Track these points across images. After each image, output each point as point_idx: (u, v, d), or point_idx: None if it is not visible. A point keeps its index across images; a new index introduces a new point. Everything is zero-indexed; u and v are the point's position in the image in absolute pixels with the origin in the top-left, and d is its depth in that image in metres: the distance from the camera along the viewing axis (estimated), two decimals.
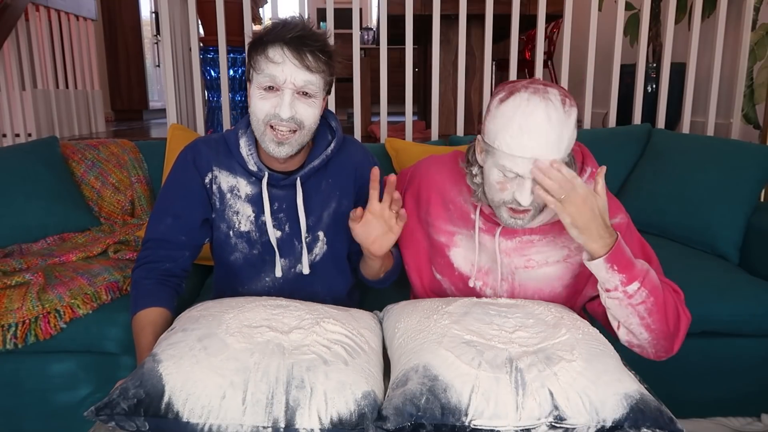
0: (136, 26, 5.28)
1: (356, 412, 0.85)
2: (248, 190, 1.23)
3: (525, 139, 0.98)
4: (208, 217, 1.25)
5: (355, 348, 0.97)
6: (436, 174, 1.27)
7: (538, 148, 0.97)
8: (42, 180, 1.79)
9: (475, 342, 0.95)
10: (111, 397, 0.84)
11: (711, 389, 1.57)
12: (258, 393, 0.85)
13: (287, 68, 1.09)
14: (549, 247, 1.16)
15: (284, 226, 1.25)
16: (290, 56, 1.09)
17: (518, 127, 0.98)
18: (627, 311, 1.02)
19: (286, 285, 1.28)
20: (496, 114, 1.02)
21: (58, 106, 3.07)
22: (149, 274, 1.19)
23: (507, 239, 1.16)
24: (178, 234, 1.22)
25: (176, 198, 1.23)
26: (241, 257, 1.26)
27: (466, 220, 1.21)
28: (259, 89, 1.12)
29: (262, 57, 1.10)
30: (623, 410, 0.85)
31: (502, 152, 1.00)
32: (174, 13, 2.54)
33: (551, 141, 0.97)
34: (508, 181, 1.03)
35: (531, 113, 0.97)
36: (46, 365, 1.42)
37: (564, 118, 0.98)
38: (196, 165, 1.23)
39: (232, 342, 0.92)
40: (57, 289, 1.42)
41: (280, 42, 1.09)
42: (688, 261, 1.68)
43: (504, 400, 0.85)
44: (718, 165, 1.83)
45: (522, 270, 1.17)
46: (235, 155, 1.22)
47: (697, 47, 2.44)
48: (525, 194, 1.01)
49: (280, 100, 1.11)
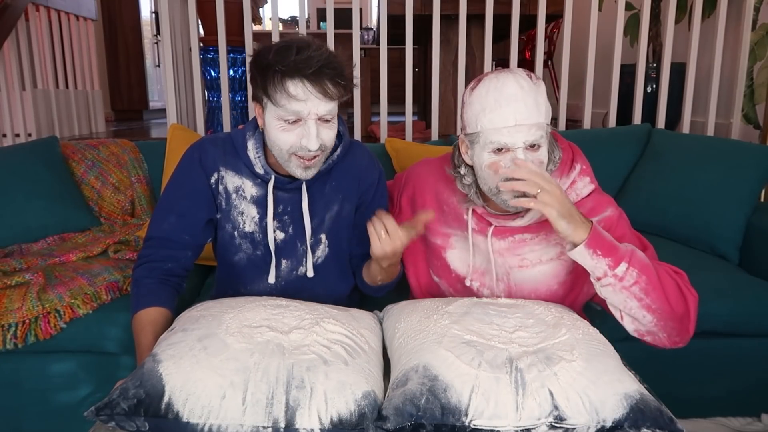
0: (136, 26, 5.28)
1: (356, 412, 0.85)
2: (254, 191, 1.22)
3: (504, 109, 1.03)
4: (212, 217, 1.24)
5: (355, 348, 0.97)
6: (429, 176, 1.28)
7: (518, 113, 1.02)
8: (42, 180, 1.79)
9: (475, 342, 0.95)
10: (111, 397, 0.84)
11: (711, 389, 1.57)
12: (258, 393, 0.85)
13: (311, 103, 1.06)
14: (542, 245, 1.16)
15: (288, 228, 1.25)
16: (313, 91, 1.06)
17: (494, 101, 1.04)
18: (623, 295, 1.02)
19: (288, 286, 1.28)
20: (470, 102, 1.08)
21: (58, 106, 3.07)
22: (151, 273, 1.19)
23: (500, 239, 1.17)
24: (182, 233, 1.21)
25: (181, 196, 1.22)
26: (245, 258, 1.26)
27: (460, 221, 1.21)
28: (279, 120, 1.09)
29: (281, 92, 1.06)
30: (623, 410, 0.85)
31: (487, 130, 1.05)
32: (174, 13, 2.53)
33: (529, 104, 1.03)
34: (500, 159, 1.05)
35: (503, 86, 1.04)
36: (46, 365, 1.42)
37: (534, 87, 1.04)
38: (202, 164, 1.22)
39: (232, 342, 0.92)
40: (57, 289, 1.42)
41: (300, 76, 1.05)
42: (688, 261, 1.67)
43: (504, 400, 0.85)
44: (718, 165, 1.83)
45: (517, 270, 1.17)
46: (241, 156, 1.21)
47: (697, 47, 2.44)
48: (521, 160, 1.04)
49: (304, 132, 1.08)
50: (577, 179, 1.16)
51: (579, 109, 2.66)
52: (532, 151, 1.05)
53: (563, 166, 1.17)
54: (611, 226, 1.12)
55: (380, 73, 2.38)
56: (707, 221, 1.78)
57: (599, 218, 1.13)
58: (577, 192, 1.16)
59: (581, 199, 1.16)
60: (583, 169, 1.17)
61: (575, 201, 1.15)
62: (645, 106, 2.54)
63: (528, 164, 1.02)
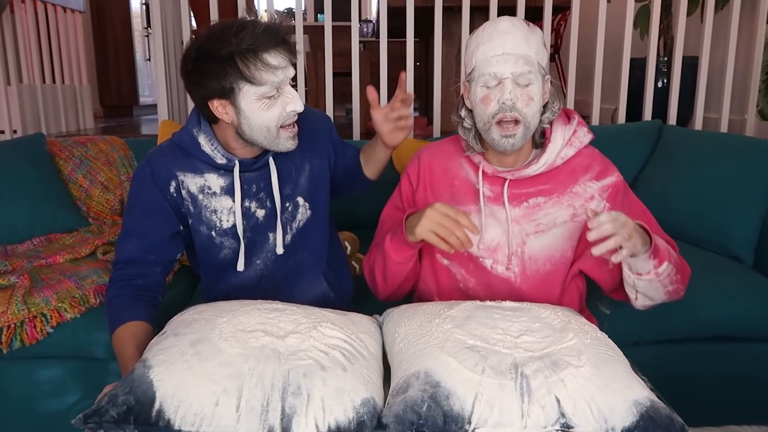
0: (126, 18, 5.28)
1: (355, 419, 0.85)
2: (221, 182, 1.25)
3: (495, 41, 1.13)
4: (176, 230, 1.26)
5: (353, 353, 0.97)
6: (433, 157, 1.32)
7: (507, 43, 1.12)
8: (28, 179, 1.79)
9: (478, 347, 0.95)
10: (100, 404, 0.85)
11: (724, 396, 1.57)
12: (253, 400, 0.85)
13: (286, 69, 1.13)
14: (555, 207, 1.22)
15: (266, 202, 1.28)
16: (287, 55, 1.12)
17: (488, 35, 1.15)
18: (656, 286, 1.11)
19: (279, 259, 1.32)
20: (469, 44, 1.20)
21: (45, 102, 3.07)
22: (122, 290, 1.21)
23: (515, 207, 1.22)
24: (146, 254, 1.23)
25: (139, 217, 1.24)
26: (231, 252, 1.28)
27: (473, 193, 1.25)
28: (260, 100, 1.12)
29: (263, 67, 1.09)
30: (633, 418, 0.85)
31: (479, 63, 1.15)
32: (165, 4, 2.54)
33: (519, 38, 1.13)
34: (490, 92, 1.14)
35: (497, 23, 1.15)
36: (32, 371, 1.42)
37: (528, 29, 1.15)
38: (155, 179, 1.23)
39: (226, 347, 0.92)
40: (43, 292, 1.42)
41: (274, 46, 1.10)
42: (701, 262, 1.67)
43: (509, 408, 0.85)
44: (732, 163, 1.83)
45: (533, 236, 1.22)
46: (195, 155, 1.23)
47: (710, 40, 2.44)
48: (506, 92, 1.12)
49: (286, 99, 1.14)
50: (577, 128, 1.24)
51: (587, 105, 2.66)
52: (522, 88, 1.13)
53: (561, 117, 1.25)
54: (618, 193, 1.22)
55: (380, 67, 2.38)
56: (720, 221, 1.78)
57: (607, 183, 1.22)
58: (580, 140, 1.23)
59: (584, 147, 1.24)
60: (579, 120, 1.25)
61: (578, 149, 1.22)
62: (656, 101, 2.54)
63: (598, 219, 1.00)
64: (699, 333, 1.51)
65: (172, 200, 1.24)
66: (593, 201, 1.21)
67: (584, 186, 1.22)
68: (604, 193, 1.22)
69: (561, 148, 1.21)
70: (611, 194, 1.22)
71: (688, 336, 1.51)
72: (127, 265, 1.23)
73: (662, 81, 2.84)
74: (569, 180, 1.22)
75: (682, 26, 2.43)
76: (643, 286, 1.11)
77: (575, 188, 1.22)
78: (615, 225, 0.99)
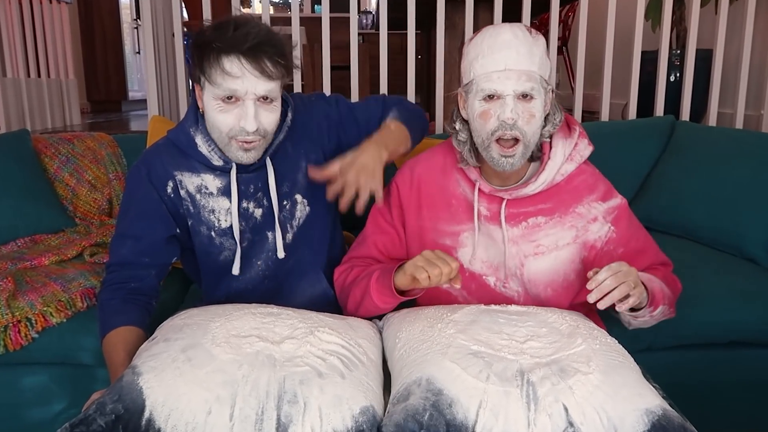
0: (115, 10, 5.29)
1: (354, 428, 0.85)
2: (218, 183, 1.25)
3: (496, 55, 1.09)
4: (172, 233, 1.26)
5: (352, 359, 0.97)
6: (427, 176, 1.28)
7: (510, 59, 1.08)
8: (11, 177, 1.79)
9: (483, 353, 0.95)
10: (87, 412, 0.85)
11: (740, 404, 1.57)
12: (247, 408, 0.85)
13: (247, 80, 1.10)
14: (557, 228, 1.19)
15: (263, 202, 1.28)
16: (249, 68, 1.10)
17: (488, 48, 1.10)
18: (649, 322, 1.19)
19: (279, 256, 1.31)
20: (467, 52, 1.15)
21: (30, 97, 3.07)
22: (114, 294, 1.21)
23: (513, 226, 1.20)
24: (141, 256, 1.24)
25: (134, 218, 1.24)
26: (231, 254, 1.28)
27: (470, 211, 1.23)
28: (216, 100, 1.13)
29: (217, 69, 1.10)
30: (644, 427, 0.85)
31: (478, 77, 1.11)
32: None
33: (522, 52, 1.09)
34: (490, 107, 1.11)
35: (498, 34, 1.11)
36: (16, 378, 1.42)
37: (531, 39, 1.11)
38: (151, 179, 1.24)
39: (219, 353, 0.92)
40: (28, 295, 1.42)
41: (236, 53, 1.09)
42: (715, 264, 1.68)
43: (514, 416, 0.85)
44: (748, 160, 1.83)
45: (532, 258, 1.19)
46: (192, 155, 1.24)
47: (724, 32, 2.43)
48: (507, 110, 1.09)
49: (242, 113, 1.12)
50: (578, 141, 1.21)
51: (596, 100, 2.66)
52: (524, 102, 1.10)
53: (562, 128, 1.22)
54: (623, 216, 1.21)
55: (380, 61, 2.38)
56: (736, 222, 1.78)
57: (613, 205, 1.21)
58: (581, 154, 1.21)
59: (585, 164, 1.22)
60: (580, 131, 1.23)
61: (579, 163, 1.20)
62: (668, 96, 2.53)
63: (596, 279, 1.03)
64: (713, 338, 1.51)
65: (170, 201, 1.24)
66: (595, 223, 1.20)
67: (588, 207, 1.20)
68: (609, 216, 1.20)
69: (561, 164, 1.18)
70: (617, 217, 1.21)
71: (702, 341, 1.51)
72: (120, 267, 1.24)
73: (675, 75, 2.84)
74: (572, 199, 1.20)
75: (696, 18, 2.43)
76: (638, 324, 1.19)
77: (579, 208, 1.20)
78: (617, 278, 1.02)
